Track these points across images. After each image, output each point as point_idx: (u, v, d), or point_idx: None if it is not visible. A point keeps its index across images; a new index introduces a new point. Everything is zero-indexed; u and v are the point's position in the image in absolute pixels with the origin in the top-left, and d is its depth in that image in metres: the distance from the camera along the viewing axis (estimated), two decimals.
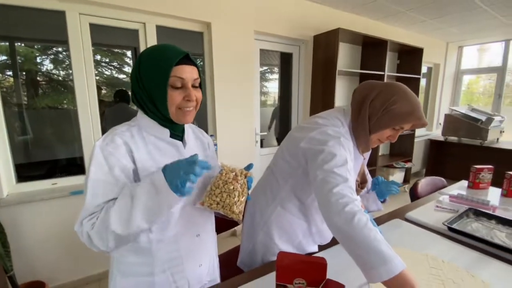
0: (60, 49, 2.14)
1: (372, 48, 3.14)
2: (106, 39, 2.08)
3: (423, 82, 4.45)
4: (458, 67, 4.79)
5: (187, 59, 0.68)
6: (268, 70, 2.94)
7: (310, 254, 0.99)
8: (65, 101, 2.29)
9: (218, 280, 0.92)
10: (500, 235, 1.11)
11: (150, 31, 1.95)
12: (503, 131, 3.94)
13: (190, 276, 0.79)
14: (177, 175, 0.59)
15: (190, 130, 0.85)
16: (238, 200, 0.72)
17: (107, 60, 2.25)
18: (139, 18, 1.90)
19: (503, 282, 0.83)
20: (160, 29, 2.00)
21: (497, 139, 3.91)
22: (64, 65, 2.16)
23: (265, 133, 2.75)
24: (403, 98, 0.84)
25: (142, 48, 1.97)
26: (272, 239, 0.99)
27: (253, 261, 1.03)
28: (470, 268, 0.90)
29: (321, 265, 0.63)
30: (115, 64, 2.38)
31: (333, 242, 1.07)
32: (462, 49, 4.71)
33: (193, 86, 0.70)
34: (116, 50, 2.17)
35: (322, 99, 2.74)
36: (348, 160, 0.78)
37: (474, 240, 1.05)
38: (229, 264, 1.11)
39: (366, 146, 0.92)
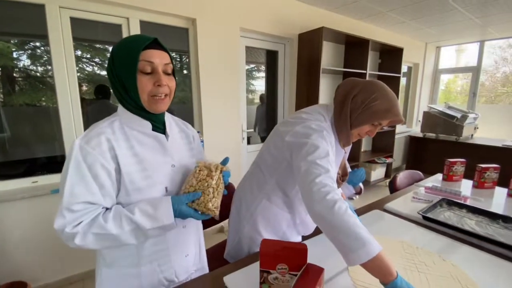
0: (38, 43, 2.06)
1: (354, 47, 3.22)
2: (87, 34, 2.02)
3: (403, 81, 4.62)
4: (436, 66, 5.01)
5: (156, 44, 0.68)
6: (255, 68, 2.96)
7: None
8: (43, 98, 2.21)
9: (206, 270, 0.95)
10: (470, 223, 1.19)
11: (133, 27, 1.92)
12: (477, 128, 4.17)
13: (177, 265, 0.80)
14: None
15: (173, 122, 0.85)
16: (213, 197, 0.72)
17: (88, 56, 2.17)
18: (122, 12, 1.87)
19: (471, 264, 0.90)
20: (144, 25, 1.98)
21: (472, 135, 4.13)
22: (42, 61, 2.09)
23: (252, 130, 2.78)
24: (383, 96, 0.89)
25: None
26: (257, 231, 1.02)
27: (239, 253, 1.06)
28: (442, 252, 0.97)
29: (302, 250, 0.67)
30: (97, 60, 2.31)
31: (316, 232, 1.11)
32: (440, 49, 4.92)
33: (165, 73, 0.70)
34: (97, 46, 2.11)
35: (307, 97, 2.80)
36: (329, 153, 0.82)
37: (446, 228, 1.13)
38: (216, 257, 1.14)
39: (347, 141, 0.97)
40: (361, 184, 1.26)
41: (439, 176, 1.90)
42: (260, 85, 3.02)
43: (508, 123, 4.17)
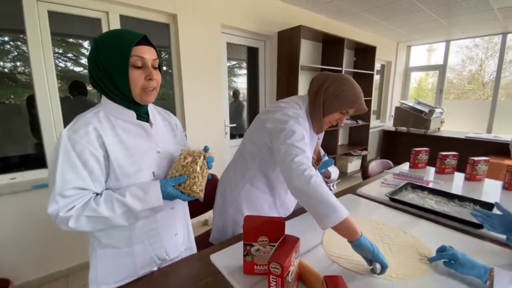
0: (6, 38, 1.98)
1: (331, 46, 3.38)
2: (65, 29, 1.97)
3: (377, 78, 4.87)
4: (407, 65, 5.32)
5: (145, 41, 0.72)
6: (237, 65, 3.01)
7: None
8: (12, 96, 2.13)
9: (195, 249, 1.02)
10: (430, 202, 1.35)
11: (113, 21, 1.92)
12: (443, 122, 4.50)
13: (167, 244, 0.87)
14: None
15: (156, 111, 0.89)
16: (198, 181, 0.78)
17: (60, 51, 2.09)
18: (101, 6, 1.86)
19: (429, 236, 1.04)
20: (124, 19, 1.97)
21: (439, 128, 4.46)
22: (11, 57, 2.01)
23: (234, 125, 2.84)
24: (350, 87, 1.03)
25: None
26: (241, 213, 1.10)
27: (225, 235, 1.14)
28: (404, 227, 1.10)
29: (280, 223, 0.75)
30: (70, 55, 2.23)
31: (294, 214, 1.21)
32: (410, 48, 5.23)
33: (153, 67, 0.74)
34: (71, 40, 2.04)
35: (287, 92, 2.91)
36: (305, 137, 0.94)
37: (409, 207, 1.27)
38: (203, 244, 1.20)
39: (320, 127, 1.09)
40: (330, 169, 1.37)
41: (406, 165, 2.08)
42: (242, 82, 3.07)
43: (473, 118, 4.54)
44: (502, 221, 0.95)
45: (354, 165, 3.99)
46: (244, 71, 3.05)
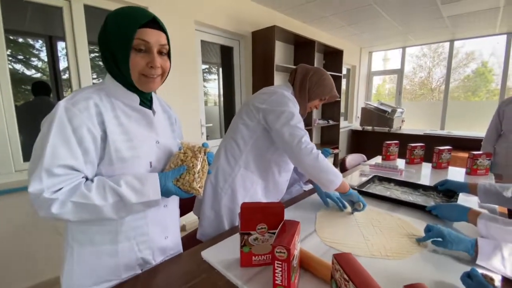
0: None
1: (302, 48, 3.48)
2: (18, 24, 1.74)
3: (344, 80, 5.13)
4: (369, 69, 5.69)
5: (154, 23, 0.66)
6: (207, 70, 2.94)
7: None
8: None
9: (181, 251, 0.93)
10: (396, 193, 1.38)
11: (76, 11, 1.76)
12: (404, 120, 4.88)
13: (156, 247, 0.78)
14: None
15: (158, 101, 0.83)
16: (198, 177, 0.73)
17: (7, 52, 1.83)
18: None
19: (412, 218, 1.09)
20: (90, 10, 1.82)
21: (400, 126, 4.82)
22: None
23: (211, 125, 2.76)
24: (328, 78, 1.21)
25: (68, 33, 1.76)
26: (235, 201, 1.09)
27: (218, 228, 1.10)
28: (389, 211, 1.14)
29: (279, 208, 0.73)
30: (20, 57, 1.95)
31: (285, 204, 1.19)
32: (372, 54, 5.61)
33: (160, 53, 0.68)
34: (20, 40, 1.81)
35: None
36: (301, 118, 1.07)
37: (378, 199, 1.28)
38: (188, 245, 1.12)
39: (304, 111, 1.19)
40: None
41: (378, 158, 2.19)
42: (213, 87, 2.98)
43: (428, 117, 4.97)
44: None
45: None
46: (215, 76, 2.98)
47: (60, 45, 1.83)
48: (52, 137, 0.58)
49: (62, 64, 1.89)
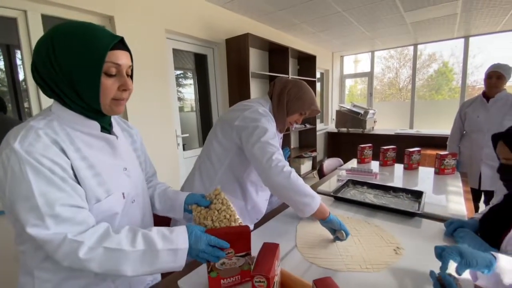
0: None
1: (277, 54, 3.52)
2: None
3: (318, 85, 5.26)
4: (341, 72, 5.89)
5: (121, 44, 0.61)
6: (181, 75, 2.88)
7: None
8: None
9: (159, 277, 0.88)
10: (369, 197, 1.42)
11: (33, 22, 1.63)
12: (376, 121, 5.08)
13: (133, 280, 0.73)
14: (198, 257, 0.63)
15: (114, 121, 0.76)
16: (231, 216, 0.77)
17: None
18: (18, 4, 1.56)
19: (387, 223, 1.11)
20: (48, 20, 1.70)
21: (373, 127, 5.02)
22: None
23: (187, 135, 2.69)
24: (308, 91, 1.15)
25: (24, 43, 1.62)
26: None
27: None
28: (366, 218, 1.16)
29: (245, 232, 0.69)
30: None
31: (266, 219, 1.17)
32: (343, 58, 5.82)
33: (127, 75, 0.63)
34: None
35: (239, 99, 2.87)
36: (275, 134, 1.00)
37: (352, 203, 1.30)
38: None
39: (283, 127, 1.15)
40: None
41: (354, 161, 2.25)
42: (189, 92, 2.92)
43: (397, 117, 5.22)
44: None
45: (306, 166, 4.18)
46: (190, 81, 2.93)
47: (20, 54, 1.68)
48: (34, 186, 0.51)
49: (22, 75, 1.73)
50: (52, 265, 0.60)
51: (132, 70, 0.66)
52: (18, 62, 1.71)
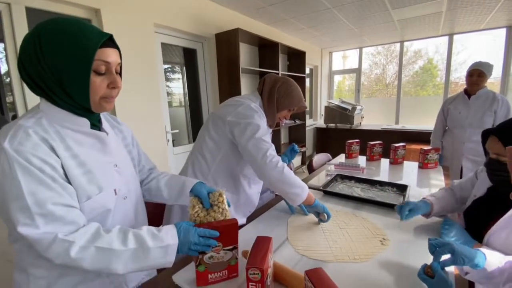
0: None
1: (267, 50, 3.52)
2: None
3: (307, 81, 5.31)
4: (330, 68, 5.95)
5: (110, 41, 0.61)
6: (169, 69, 2.84)
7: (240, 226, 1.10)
8: None
9: (155, 272, 0.89)
10: (357, 190, 1.47)
11: (17, 14, 1.56)
12: (363, 117, 5.20)
13: (128, 275, 0.74)
14: (190, 251, 0.64)
15: (103, 117, 0.76)
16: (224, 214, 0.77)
17: None
18: None
19: (373, 214, 1.16)
20: (33, 13, 1.64)
21: (360, 123, 5.13)
22: None
23: (177, 131, 2.67)
24: (296, 89, 1.20)
25: (7, 36, 1.56)
26: None
27: None
28: (354, 211, 1.21)
29: (232, 225, 0.71)
30: None
31: (257, 213, 1.20)
32: (332, 54, 5.88)
33: (116, 72, 0.63)
34: None
35: (229, 95, 2.88)
36: (267, 130, 1.05)
37: (340, 197, 1.36)
38: None
39: (273, 122, 1.18)
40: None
41: (342, 156, 2.31)
42: (177, 87, 2.89)
43: (384, 112, 5.35)
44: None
45: (296, 161, 4.24)
46: (178, 76, 2.89)
47: (1, 45, 1.62)
48: (23, 185, 0.51)
49: (4, 67, 1.67)
50: (46, 262, 0.61)
51: (121, 67, 0.66)
52: (0, 55, 1.64)
